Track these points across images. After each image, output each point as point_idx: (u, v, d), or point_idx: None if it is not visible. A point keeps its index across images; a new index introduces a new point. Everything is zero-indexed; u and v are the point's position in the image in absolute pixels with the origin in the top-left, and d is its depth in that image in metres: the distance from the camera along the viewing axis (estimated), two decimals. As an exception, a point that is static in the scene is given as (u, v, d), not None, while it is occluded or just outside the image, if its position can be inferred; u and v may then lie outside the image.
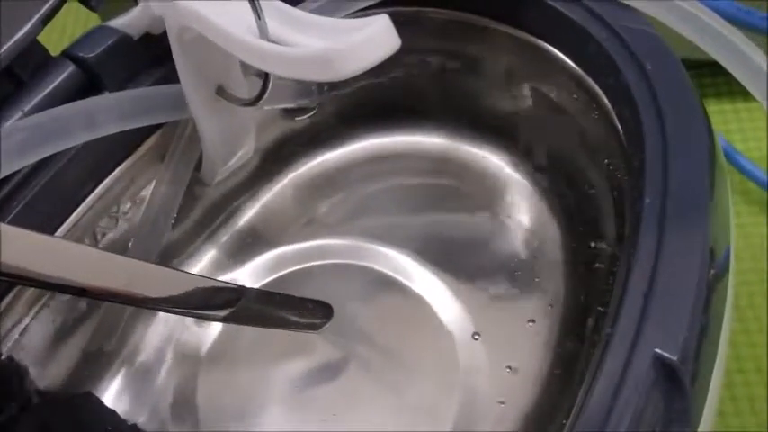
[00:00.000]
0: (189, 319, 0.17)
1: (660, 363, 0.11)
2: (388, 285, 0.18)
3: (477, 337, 0.17)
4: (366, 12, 0.16)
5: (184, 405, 0.17)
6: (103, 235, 0.16)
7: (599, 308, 0.15)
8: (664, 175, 0.12)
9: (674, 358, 0.11)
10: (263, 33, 0.12)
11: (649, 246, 0.12)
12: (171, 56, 0.14)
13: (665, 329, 0.11)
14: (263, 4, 0.12)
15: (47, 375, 0.16)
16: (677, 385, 0.11)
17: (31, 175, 0.14)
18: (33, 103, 0.13)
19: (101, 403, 0.15)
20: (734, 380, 0.21)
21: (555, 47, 0.16)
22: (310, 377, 0.17)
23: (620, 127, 0.14)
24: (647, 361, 0.11)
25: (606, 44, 0.14)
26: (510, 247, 0.18)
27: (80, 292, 0.13)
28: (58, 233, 0.15)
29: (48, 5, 0.13)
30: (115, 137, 0.14)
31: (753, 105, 0.26)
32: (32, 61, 0.14)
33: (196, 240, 0.18)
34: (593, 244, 0.16)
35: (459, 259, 0.18)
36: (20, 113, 0.13)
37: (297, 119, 0.18)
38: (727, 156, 0.25)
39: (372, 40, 0.10)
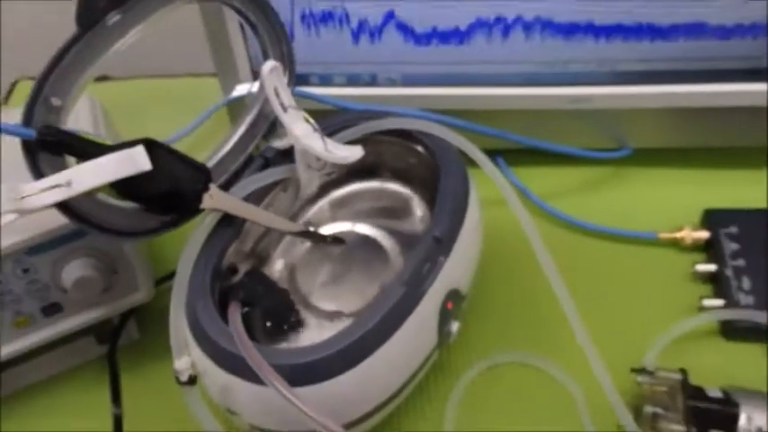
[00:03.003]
0: (299, 240, 0.45)
1: (436, 240, 0.39)
2: (364, 239, 0.45)
3: (400, 255, 0.45)
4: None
5: (293, 287, 0.45)
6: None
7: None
8: (445, 198, 0.41)
9: (439, 235, 0.39)
10: (327, 149, 0.41)
11: (437, 226, 0.40)
12: (293, 154, 0.43)
13: (439, 225, 0.39)
14: (327, 141, 0.41)
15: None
16: (443, 243, 0.39)
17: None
18: (251, 172, 0.42)
19: (267, 275, 0.43)
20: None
21: (421, 148, 0.45)
22: (339, 267, 0.44)
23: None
24: (431, 239, 0.39)
25: (434, 150, 0.43)
26: (415, 226, 0.47)
27: (266, 228, 0.42)
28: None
29: (257, 138, 0.42)
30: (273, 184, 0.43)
31: (533, 171, 0.56)
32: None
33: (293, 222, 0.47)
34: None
35: (395, 231, 0.46)
36: (247, 175, 0.42)
37: (329, 174, 0.47)
38: (524, 191, 0.54)
39: (359, 152, 0.40)
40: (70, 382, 0.47)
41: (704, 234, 0.51)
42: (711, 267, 0.49)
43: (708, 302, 0.47)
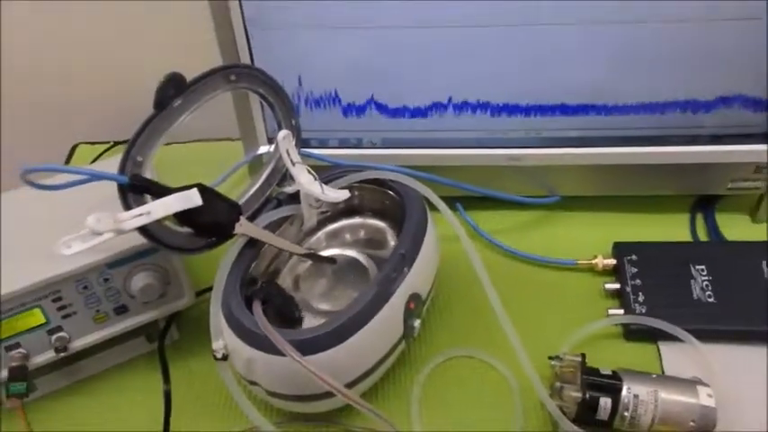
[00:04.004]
0: (302, 260, 0.60)
1: (402, 256, 0.54)
2: (350, 260, 0.60)
3: (377, 272, 0.60)
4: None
5: (297, 293, 0.60)
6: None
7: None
8: (409, 226, 0.57)
9: (404, 252, 0.54)
10: (324, 193, 0.56)
11: (402, 246, 0.56)
12: (299, 197, 0.58)
13: (403, 244, 0.55)
14: (324, 187, 0.57)
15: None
16: (407, 258, 0.55)
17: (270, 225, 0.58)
18: (268, 210, 0.58)
19: (278, 285, 0.58)
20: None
21: (393, 193, 0.61)
22: (331, 280, 0.60)
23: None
24: (398, 255, 0.54)
25: (402, 194, 0.59)
26: (389, 251, 0.62)
27: (279, 250, 0.58)
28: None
29: (272, 185, 0.58)
30: (284, 218, 0.59)
31: (483, 213, 0.72)
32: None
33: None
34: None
35: (374, 255, 0.61)
36: (266, 211, 0.58)
37: (324, 212, 0.63)
38: (475, 228, 0.70)
39: (346, 195, 0.56)
40: (127, 370, 0.61)
41: (612, 261, 0.66)
42: (616, 286, 0.64)
43: (612, 311, 0.62)
